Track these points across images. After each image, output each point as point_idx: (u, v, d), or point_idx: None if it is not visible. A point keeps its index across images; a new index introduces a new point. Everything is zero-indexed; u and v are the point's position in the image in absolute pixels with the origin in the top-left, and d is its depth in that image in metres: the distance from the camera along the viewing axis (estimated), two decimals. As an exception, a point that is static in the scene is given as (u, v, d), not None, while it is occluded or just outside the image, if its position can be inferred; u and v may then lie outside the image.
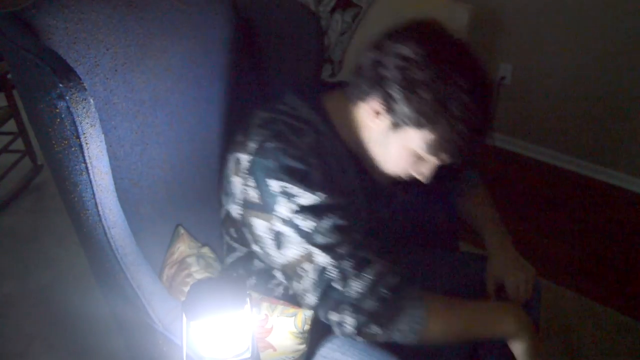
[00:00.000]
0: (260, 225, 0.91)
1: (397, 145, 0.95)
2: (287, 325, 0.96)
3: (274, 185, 0.88)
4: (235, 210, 0.96)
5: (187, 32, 1.14)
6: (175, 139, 1.11)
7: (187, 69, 1.13)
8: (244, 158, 0.92)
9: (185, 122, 1.13)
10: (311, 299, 0.90)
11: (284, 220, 0.88)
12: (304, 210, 0.88)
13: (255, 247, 0.96)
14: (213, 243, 1.16)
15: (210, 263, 1.09)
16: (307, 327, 0.96)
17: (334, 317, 0.90)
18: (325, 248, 0.87)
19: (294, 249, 0.88)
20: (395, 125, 0.92)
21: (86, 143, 0.82)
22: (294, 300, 1.02)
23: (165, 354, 0.97)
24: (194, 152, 1.15)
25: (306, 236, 0.88)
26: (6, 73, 2.39)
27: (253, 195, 0.90)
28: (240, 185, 0.92)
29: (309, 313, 0.96)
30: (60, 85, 0.78)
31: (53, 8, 0.93)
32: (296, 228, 0.88)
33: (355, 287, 0.87)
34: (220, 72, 1.20)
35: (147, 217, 1.07)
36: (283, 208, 0.88)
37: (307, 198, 0.88)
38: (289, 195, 0.87)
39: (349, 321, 0.88)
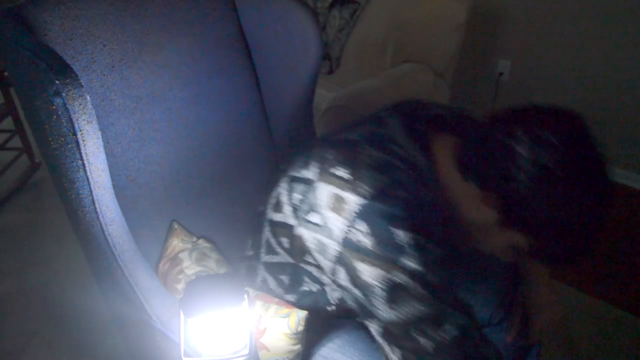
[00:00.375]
0: (370, 272, 0.81)
1: (497, 238, 0.88)
2: (280, 327, 0.94)
3: (402, 235, 0.80)
4: (326, 244, 0.87)
5: (185, 29, 1.14)
6: (173, 135, 1.11)
7: (185, 65, 1.13)
8: (354, 200, 0.83)
9: (184, 119, 1.13)
10: None
11: (412, 273, 0.79)
12: (436, 264, 0.80)
13: (355, 291, 0.85)
14: (211, 238, 1.16)
15: (206, 253, 1.08)
16: (301, 328, 0.94)
17: None
18: (459, 307, 0.80)
19: (420, 306, 0.79)
20: (504, 224, 0.85)
21: (83, 140, 0.82)
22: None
23: (163, 351, 0.97)
24: (192, 149, 1.14)
25: (439, 294, 0.79)
26: (3, 70, 2.38)
27: (364, 240, 0.81)
28: (343, 226, 0.83)
29: (302, 314, 0.94)
30: (57, 81, 0.77)
31: (49, 4, 0.93)
32: (427, 284, 0.79)
33: (488, 351, 0.82)
34: (218, 69, 1.20)
35: (144, 214, 1.07)
36: (413, 261, 0.79)
37: (437, 252, 0.81)
38: (420, 248, 0.80)
39: None
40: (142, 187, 1.06)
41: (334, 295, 0.98)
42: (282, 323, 0.95)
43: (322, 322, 1.08)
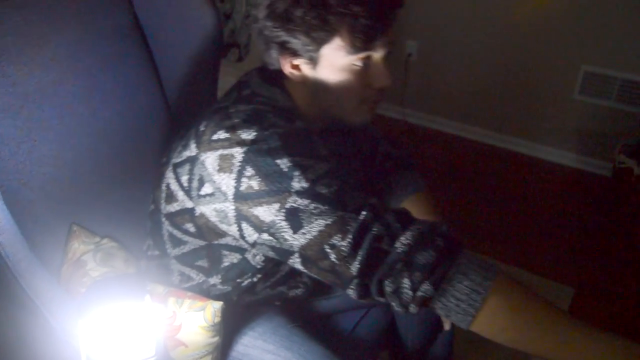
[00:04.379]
0: (268, 211, 0.83)
1: (331, 75, 0.94)
2: (196, 320, 0.93)
3: (285, 162, 0.83)
4: (224, 210, 0.87)
5: (73, 19, 1.07)
6: (67, 133, 1.04)
7: (75, 58, 1.06)
8: (237, 150, 0.85)
9: (78, 115, 1.06)
10: (353, 269, 0.79)
11: (302, 192, 0.81)
12: (322, 177, 0.83)
13: (264, 237, 0.85)
14: (118, 238, 1.11)
15: (112, 253, 1.04)
16: (217, 319, 0.94)
17: (388, 287, 0.79)
18: (359, 208, 0.81)
19: (320, 220, 0.80)
20: (313, 60, 0.93)
21: (-42, 144, 0.75)
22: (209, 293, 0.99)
23: (71, 362, 0.92)
24: (89, 147, 1.08)
25: (332, 202, 0.81)
26: None
27: (254, 184, 0.83)
28: (232, 181, 0.85)
29: (217, 305, 0.93)
30: None
31: None
32: (319, 197, 0.81)
33: (405, 239, 0.78)
34: (113, 61, 1.14)
35: (41, 219, 1.00)
36: (299, 181, 0.82)
37: (322, 167, 0.85)
38: (303, 167, 0.83)
39: (406, 283, 0.77)
40: (36, 190, 0.99)
41: (255, 259, 0.98)
42: (197, 316, 0.93)
43: (242, 310, 1.08)
